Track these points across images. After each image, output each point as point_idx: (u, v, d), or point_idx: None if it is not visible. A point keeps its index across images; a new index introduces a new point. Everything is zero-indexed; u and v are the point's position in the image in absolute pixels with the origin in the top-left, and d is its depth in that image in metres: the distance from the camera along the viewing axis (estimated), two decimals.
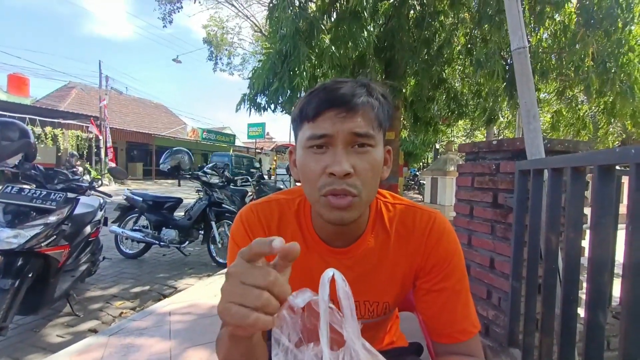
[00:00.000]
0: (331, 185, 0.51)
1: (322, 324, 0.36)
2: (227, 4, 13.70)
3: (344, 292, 0.38)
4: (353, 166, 0.51)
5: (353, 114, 0.51)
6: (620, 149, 0.75)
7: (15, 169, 1.92)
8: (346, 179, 0.51)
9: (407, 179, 15.36)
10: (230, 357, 0.48)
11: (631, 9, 4.20)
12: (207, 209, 3.56)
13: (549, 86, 5.92)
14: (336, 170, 0.50)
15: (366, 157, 0.52)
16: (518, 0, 1.41)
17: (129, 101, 21.87)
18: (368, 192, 0.54)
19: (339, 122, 0.51)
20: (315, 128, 0.52)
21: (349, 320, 0.37)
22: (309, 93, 0.55)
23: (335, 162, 0.50)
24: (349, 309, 0.37)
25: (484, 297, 1.56)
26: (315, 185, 0.53)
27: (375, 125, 0.53)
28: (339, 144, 0.51)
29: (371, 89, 0.55)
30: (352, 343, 0.37)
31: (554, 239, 1.08)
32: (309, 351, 0.39)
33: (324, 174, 0.52)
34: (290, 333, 0.39)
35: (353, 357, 0.37)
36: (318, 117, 0.52)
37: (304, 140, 0.54)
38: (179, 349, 1.71)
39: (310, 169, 0.53)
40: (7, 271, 1.69)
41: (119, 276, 3.14)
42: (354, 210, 0.53)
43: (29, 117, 10.86)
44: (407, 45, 4.94)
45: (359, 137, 0.52)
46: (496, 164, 1.50)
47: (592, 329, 0.84)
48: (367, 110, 0.53)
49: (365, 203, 0.54)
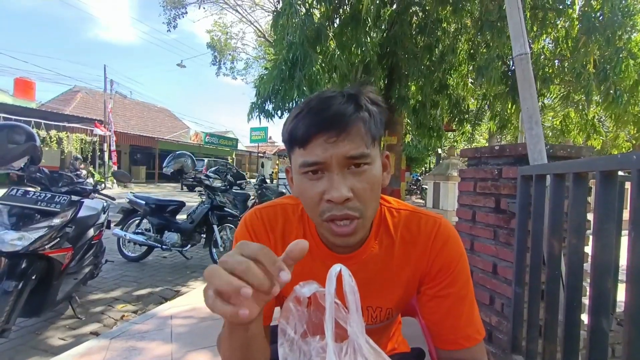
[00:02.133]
0: (331, 211, 0.50)
1: (328, 316, 0.36)
2: (231, 10, 13.87)
3: (350, 287, 0.38)
4: (351, 189, 0.50)
5: (345, 135, 0.49)
6: (622, 155, 0.75)
7: (21, 171, 1.94)
8: (346, 203, 0.50)
9: (410, 184, 15.34)
10: (230, 351, 0.48)
11: (632, 15, 4.21)
12: (210, 212, 3.57)
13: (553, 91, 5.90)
14: (334, 197, 0.49)
15: (364, 176, 0.51)
16: (520, 7, 1.42)
17: (133, 105, 22.05)
18: (371, 210, 0.53)
19: (330, 148, 0.49)
20: (307, 155, 0.50)
21: (354, 315, 0.38)
22: (296, 115, 0.53)
23: (332, 189, 0.49)
24: (354, 303, 0.38)
25: (486, 303, 1.55)
26: (315, 210, 0.52)
27: (368, 142, 0.51)
28: (334, 169, 0.50)
29: (359, 100, 0.52)
30: (356, 337, 0.38)
31: (557, 244, 1.08)
32: (314, 343, 0.39)
33: (322, 200, 0.51)
34: (297, 324, 0.40)
35: (356, 350, 0.37)
36: (308, 144, 0.50)
37: (297, 167, 0.52)
38: (180, 352, 1.71)
39: (308, 195, 0.52)
40: (10, 273, 1.70)
41: (121, 279, 3.14)
42: (357, 233, 0.53)
43: (35, 121, 10.96)
44: (409, 51, 4.97)
45: (354, 159, 0.50)
46: (498, 169, 1.50)
47: (595, 335, 0.84)
48: (359, 127, 0.50)
49: (368, 221, 0.54)
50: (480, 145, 14.11)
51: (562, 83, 5.38)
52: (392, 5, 5.17)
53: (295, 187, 0.56)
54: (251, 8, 13.88)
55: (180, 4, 12.27)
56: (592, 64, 4.26)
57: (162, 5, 12.23)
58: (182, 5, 12.31)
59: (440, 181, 7.02)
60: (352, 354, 0.37)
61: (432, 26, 4.95)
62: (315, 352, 0.39)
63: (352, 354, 0.37)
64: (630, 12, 4.19)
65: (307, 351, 0.39)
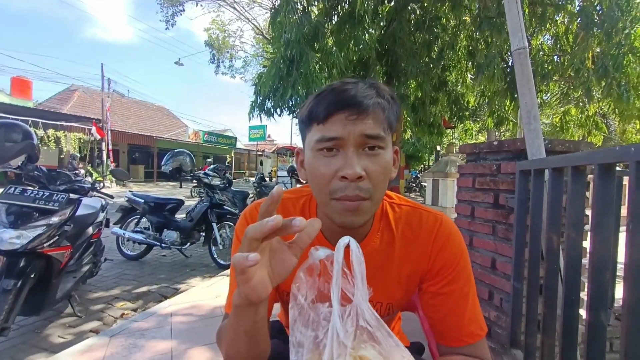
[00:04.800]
0: (343, 190, 0.51)
1: (335, 282, 0.39)
2: (229, 7, 13.80)
3: (357, 257, 0.41)
4: (365, 169, 0.50)
5: (364, 116, 0.50)
6: (620, 147, 0.75)
7: (19, 170, 1.93)
8: (358, 182, 0.50)
9: (409, 182, 15.35)
10: (234, 339, 0.48)
11: (631, 11, 4.21)
12: (209, 210, 3.57)
13: (553, 88, 5.89)
14: (348, 174, 0.49)
15: (377, 159, 0.52)
16: (518, 2, 1.42)
17: (131, 104, 21.97)
18: (379, 194, 0.53)
19: (349, 125, 0.50)
20: (325, 130, 0.51)
21: (359, 284, 0.40)
22: (317, 94, 0.54)
23: (347, 165, 0.50)
24: (359, 273, 0.40)
25: (485, 298, 1.56)
26: (326, 188, 0.52)
27: (385, 127, 0.53)
28: (350, 146, 0.51)
29: (380, 90, 0.54)
30: (359, 303, 0.40)
31: (555, 239, 1.08)
32: (322, 308, 0.42)
33: (335, 177, 0.51)
34: (308, 292, 0.43)
35: (359, 314, 0.40)
36: (328, 120, 0.51)
37: (313, 143, 0.53)
38: (180, 349, 1.71)
39: (321, 172, 0.52)
40: (9, 272, 1.69)
41: (121, 277, 3.14)
42: (364, 214, 0.53)
43: (32, 120, 10.92)
44: (408, 48, 4.96)
45: (370, 139, 0.51)
46: (497, 165, 1.50)
47: (593, 329, 0.84)
48: (378, 112, 0.52)
49: (375, 205, 0.54)
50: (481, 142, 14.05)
51: (562, 79, 5.38)
52: (390, 2, 5.15)
53: (307, 166, 0.56)
54: (249, 5, 13.83)
55: (178, 2, 12.20)
56: (591, 59, 4.25)
57: (159, 3, 12.17)
58: (179, 3, 12.24)
59: (439, 178, 7.03)
60: (354, 316, 0.40)
61: (430, 23, 4.94)
62: (322, 316, 0.42)
63: (355, 316, 0.40)
64: (629, 7, 4.18)
65: (315, 315, 0.42)
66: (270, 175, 16.45)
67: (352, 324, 0.40)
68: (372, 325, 0.40)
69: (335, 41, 4.47)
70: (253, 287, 0.39)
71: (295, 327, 0.42)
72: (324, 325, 0.40)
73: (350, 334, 0.39)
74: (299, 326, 0.42)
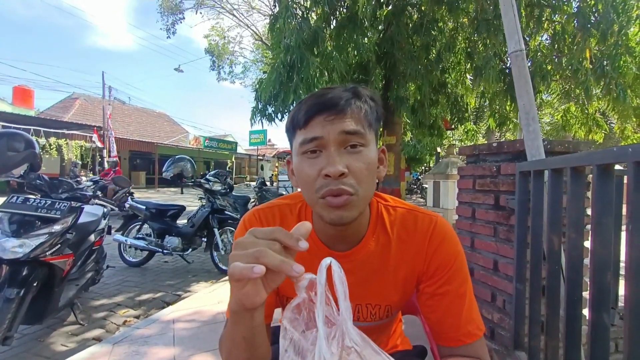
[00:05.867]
0: (327, 186, 0.52)
1: (318, 304, 0.39)
2: (228, 14, 13.92)
3: (339, 277, 0.41)
4: (347, 166, 0.52)
5: (342, 115, 0.53)
6: (618, 148, 0.75)
7: (21, 179, 1.95)
8: (341, 178, 0.52)
9: (410, 184, 15.34)
10: (233, 344, 0.49)
11: (627, 12, 4.23)
12: (210, 216, 3.57)
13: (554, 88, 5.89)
14: (330, 171, 0.51)
15: (359, 156, 0.54)
16: (514, 4, 1.43)
17: (132, 111, 22.08)
18: (364, 190, 0.54)
19: (328, 125, 0.53)
20: (307, 133, 0.54)
21: (342, 304, 0.40)
22: (299, 103, 0.57)
23: (329, 164, 0.52)
24: (343, 293, 0.40)
25: (488, 300, 1.55)
26: (312, 188, 0.54)
27: (365, 125, 0.55)
28: (331, 145, 0.53)
29: (359, 93, 0.57)
30: (345, 322, 0.40)
31: (557, 239, 1.08)
32: (311, 334, 0.42)
33: (319, 176, 0.53)
34: (297, 326, 0.43)
35: (344, 333, 0.40)
36: (309, 123, 0.54)
37: (298, 147, 0.56)
38: (183, 356, 1.71)
39: (306, 173, 0.54)
40: (12, 280, 1.70)
41: (123, 284, 3.14)
42: (352, 209, 0.54)
43: (34, 128, 10.97)
44: (406, 51, 4.99)
45: (350, 135, 0.53)
46: (497, 166, 1.50)
47: (596, 329, 0.84)
48: (356, 111, 0.54)
49: (362, 201, 0.55)
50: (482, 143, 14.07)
51: (562, 79, 5.39)
52: (387, 6, 5.19)
53: (295, 171, 0.58)
54: (248, 12, 13.95)
55: (178, 10, 12.32)
56: (589, 60, 4.27)
57: (159, 11, 12.30)
58: (179, 11, 12.37)
59: (440, 180, 7.01)
60: (339, 337, 0.40)
61: (428, 26, 4.96)
62: (311, 341, 0.41)
63: (340, 337, 0.40)
64: (625, 8, 4.20)
65: (305, 343, 0.42)
66: (271, 179, 16.46)
67: (338, 345, 0.40)
68: (358, 344, 0.40)
69: (335, 45, 4.50)
70: (246, 293, 0.40)
71: (286, 356, 0.42)
72: (312, 350, 0.40)
73: (336, 355, 0.39)
74: (291, 354, 0.42)
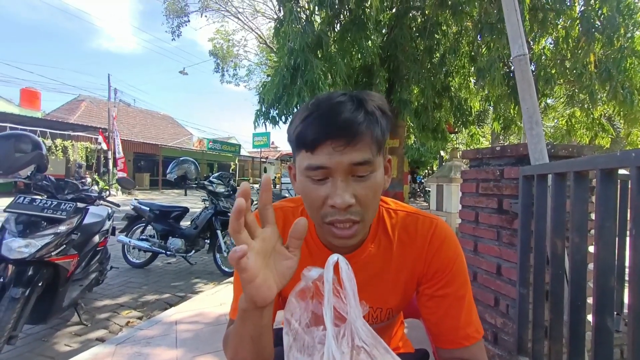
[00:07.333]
0: (333, 216, 0.52)
1: (327, 301, 0.38)
2: (233, 18, 14.02)
3: (347, 275, 0.41)
4: (354, 194, 0.50)
5: (353, 144, 0.49)
6: (622, 153, 0.75)
7: (28, 179, 1.97)
8: (348, 209, 0.51)
9: (413, 187, 15.30)
10: (239, 345, 0.49)
11: (633, 15, 4.21)
12: (213, 218, 3.59)
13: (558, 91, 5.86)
14: (337, 203, 0.50)
15: (367, 183, 0.52)
16: (517, 9, 1.43)
17: (137, 113, 22.25)
18: (370, 214, 0.55)
19: (337, 155, 0.49)
20: (313, 159, 0.50)
21: (351, 301, 0.40)
22: (304, 117, 0.52)
23: (336, 195, 0.50)
24: (351, 290, 0.40)
25: (491, 305, 1.54)
26: (317, 213, 0.54)
27: (375, 151, 0.51)
28: (339, 175, 0.50)
29: (368, 107, 0.52)
30: (354, 321, 0.40)
31: (560, 244, 1.08)
32: (317, 332, 0.42)
33: (325, 204, 0.52)
34: (301, 316, 0.42)
35: (354, 333, 0.39)
36: (316, 149, 0.50)
37: (303, 168, 0.52)
38: (185, 357, 1.71)
39: (312, 197, 0.53)
40: (18, 280, 1.72)
41: (126, 285, 3.16)
42: (356, 236, 0.55)
43: (40, 130, 11.09)
44: (410, 54, 5.00)
45: (359, 165, 0.50)
46: (500, 170, 1.50)
47: (600, 334, 0.83)
48: (366, 136, 0.50)
49: (367, 223, 0.56)
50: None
51: (566, 83, 5.37)
52: (391, 10, 5.20)
53: (299, 189, 0.57)
54: (252, 15, 14.04)
55: (183, 13, 12.44)
56: (593, 63, 4.25)
57: (164, 14, 12.41)
58: (184, 14, 12.48)
59: (444, 183, 6.99)
60: (349, 336, 0.39)
61: (431, 29, 4.97)
62: (318, 339, 0.41)
63: (350, 335, 0.39)
64: (630, 11, 4.19)
65: (310, 340, 0.41)
66: (274, 181, 16.49)
67: (348, 345, 0.39)
68: (368, 344, 0.39)
69: (339, 49, 4.52)
70: (257, 288, 0.40)
71: (290, 354, 0.41)
72: (320, 349, 0.39)
73: (347, 355, 0.38)
74: (294, 352, 0.40)
